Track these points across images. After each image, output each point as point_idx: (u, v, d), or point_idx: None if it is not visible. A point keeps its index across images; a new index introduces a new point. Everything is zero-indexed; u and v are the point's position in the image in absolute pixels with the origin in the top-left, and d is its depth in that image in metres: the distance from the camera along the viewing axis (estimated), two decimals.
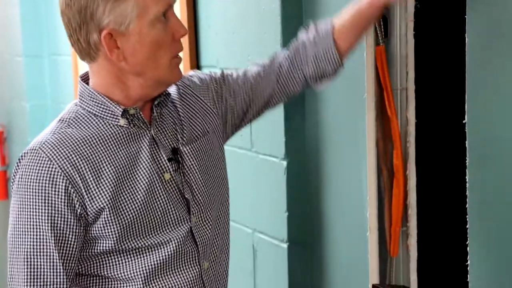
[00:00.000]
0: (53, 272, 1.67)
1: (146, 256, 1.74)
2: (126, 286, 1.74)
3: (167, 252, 1.74)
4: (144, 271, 1.73)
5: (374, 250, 2.17)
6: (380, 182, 2.16)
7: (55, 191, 1.66)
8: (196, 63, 2.85)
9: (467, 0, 1.72)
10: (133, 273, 1.73)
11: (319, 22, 1.90)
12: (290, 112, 2.42)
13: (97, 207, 1.68)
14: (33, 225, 1.66)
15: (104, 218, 1.68)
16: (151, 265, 1.74)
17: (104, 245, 1.71)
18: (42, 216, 1.66)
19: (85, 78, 1.80)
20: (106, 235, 1.70)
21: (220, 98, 1.92)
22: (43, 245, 1.66)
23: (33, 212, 1.66)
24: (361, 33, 1.92)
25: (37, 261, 1.66)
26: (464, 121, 1.75)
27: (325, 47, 1.90)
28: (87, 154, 1.69)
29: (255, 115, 1.96)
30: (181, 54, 1.78)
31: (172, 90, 1.85)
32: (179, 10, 2.83)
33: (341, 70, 1.91)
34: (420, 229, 2.15)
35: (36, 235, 1.66)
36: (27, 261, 1.66)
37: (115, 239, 1.70)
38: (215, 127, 1.88)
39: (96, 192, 1.68)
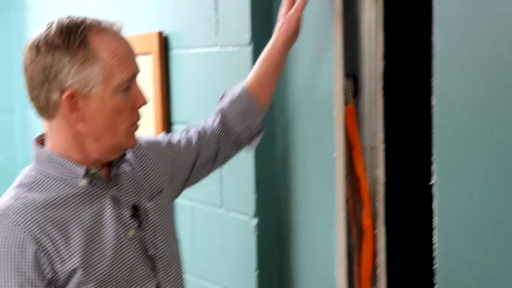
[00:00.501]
0: None
1: None
2: None
3: None
4: None
5: None
6: (349, 241, 2.16)
7: (24, 257, 1.63)
8: (167, 119, 2.85)
9: (434, 61, 1.74)
10: None
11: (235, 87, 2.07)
12: (260, 170, 2.41)
13: (68, 269, 1.65)
14: None
15: (76, 279, 1.66)
16: None
17: None
18: (12, 284, 1.62)
19: (40, 141, 1.79)
20: None
21: (168, 160, 1.96)
22: None
23: (2, 280, 1.63)
24: (275, 77, 2.08)
25: None
26: (431, 183, 1.75)
27: (245, 105, 2.04)
28: (53, 216, 1.67)
29: (202, 174, 2.07)
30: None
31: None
32: (152, 65, 2.84)
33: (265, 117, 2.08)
34: None
35: None
36: None
37: None
38: (166, 185, 1.90)
39: (67, 254, 1.66)
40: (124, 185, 1.79)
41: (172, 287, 1.82)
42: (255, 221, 2.42)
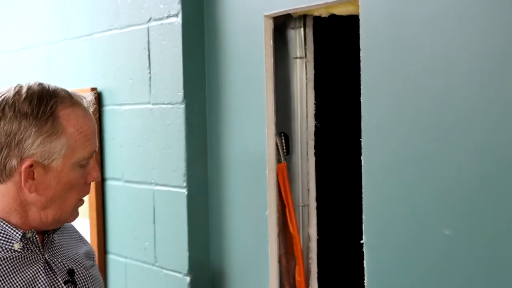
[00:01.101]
0: None
1: None
2: None
3: None
4: None
5: None
6: None
7: None
8: (101, 176, 2.83)
9: (363, 122, 1.78)
10: None
11: None
12: (193, 229, 2.41)
13: None
14: None
15: None
16: None
17: None
18: None
19: None
20: None
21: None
22: None
23: None
24: None
25: None
26: (361, 241, 1.78)
27: None
28: None
29: None
30: None
31: None
32: None
33: None
34: None
35: None
36: None
37: None
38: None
39: None
40: (58, 251, 1.76)
41: None
42: (188, 278, 2.41)
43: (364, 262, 1.77)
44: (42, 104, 1.61)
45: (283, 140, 2.16)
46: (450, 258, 1.58)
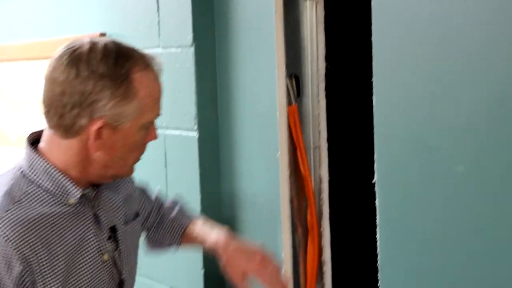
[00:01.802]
0: None
1: None
2: None
3: None
4: None
5: None
6: (295, 239, 2.19)
7: (9, 274, 1.57)
8: None
9: (373, 62, 1.78)
10: None
11: (182, 210, 2.04)
12: (205, 172, 2.43)
13: None
14: None
15: None
16: None
17: None
18: None
19: (33, 142, 1.72)
20: None
21: (141, 199, 1.97)
22: None
23: None
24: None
25: None
26: (373, 181, 1.79)
27: (174, 237, 2.02)
28: (42, 235, 1.61)
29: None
30: None
31: None
32: None
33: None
34: (335, 285, 2.17)
35: None
36: None
37: None
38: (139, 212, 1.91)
39: (49, 277, 1.62)
40: (105, 206, 1.77)
41: None
42: None
43: (376, 201, 1.79)
44: (118, 66, 1.58)
45: (294, 82, 2.16)
46: (461, 195, 1.59)
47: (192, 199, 2.44)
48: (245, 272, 1.82)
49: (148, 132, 1.68)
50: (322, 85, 2.15)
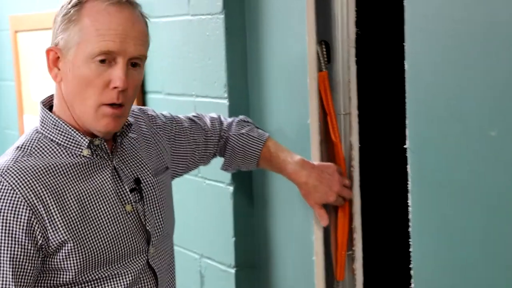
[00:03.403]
0: None
1: (104, 286, 1.72)
2: None
3: (125, 283, 1.73)
4: None
5: (320, 274, 2.18)
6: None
7: (17, 222, 1.62)
8: (141, 89, 2.84)
9: (406, 27, 1.75)
10: None
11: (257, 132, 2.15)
12: None
13: (60, 239, 1.65)
14: None
15: (66, 250, 1.66)
16: None
17: (63, 277, 1.68)
18: (1, 247, 1.62)
19: (46, 103, 1.78)
20: (66, 267, 1.67)
21: (174, 142, 1.95)
22: (0, 277, 1.62)
23: None
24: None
25: None
26: (405, 146, 1.78)
27: (251, 162, 2.13)
28: (51, 184, 1.66)
29: (195, 165, 2.13)
30: None
31: (132, 121, 1.85)
32: None
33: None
34: (365, 252, 2.17)
35: None
36: None
37: (74, 272, 1.68)
38: (170, 164, 1.91)
39: (60, 224, 1.65)
40: (126, 158, 1.79)
41: (160, 265, 1.82)
42: (231, 188, 2.44)
43: (408, 166, 1.77)
44: None
45: (324, 48, 2.14)
46: (495, 160, 1.57)
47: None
48: (323, 203, 2.04)
49: (108, 73, 1.68)
50: (353, 51, 2.12)
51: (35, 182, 1.64)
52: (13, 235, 1.62)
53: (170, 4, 2.62)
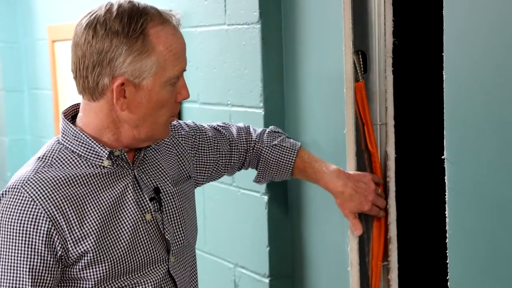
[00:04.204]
0: None
1: None
2: None
3: None
4: None
5: (355, 285, 2.17)
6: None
7: (37, 233, 1.64)
8: None
9: (444, 37, 1.74)
10: None
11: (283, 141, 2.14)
12: None
13: (80, 250, 1.66)
14: (11, 266, 1.64)
15: (87, 260, 1.67)
16: None
17: (83, 287, 1.70)
18: (21, 258, 1.64)
19: (67, 114, 1.79)
20: (86, 277, 1.68)
21: (198, 151, 1.96)
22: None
23: (12, 253, 1.64)
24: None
25: None
26: (443, 157, 1.76)
27: (285, 173, 2.12)
28: (71, 195, 1.67)
29: (219, 175, 2.11)
30: None
31: None
32: None
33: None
34: (401, 263, 2.16)
35: (14, 277, 1.64)
36: None
37: (95, 281, 1.69)
38: (192, 173, 1.91)
39: (80, 235, 1.66)
40: (146, 167, 1.80)
41: (181, 274, 1.83)
42: (266, 197, 2.44)
43: (446, 178, 1.76)
44: (133, 22, 1.64)
45: (361, 58, 2.14)
46: None
47: None
48: (358, 212, 2.05)
49: (176, 89, 1.71)
50: (390, 61, 2.12)
51: (55, 194, 1.66)
52: (33, 246, 1.64)
53: (207, 14, 2.64)
